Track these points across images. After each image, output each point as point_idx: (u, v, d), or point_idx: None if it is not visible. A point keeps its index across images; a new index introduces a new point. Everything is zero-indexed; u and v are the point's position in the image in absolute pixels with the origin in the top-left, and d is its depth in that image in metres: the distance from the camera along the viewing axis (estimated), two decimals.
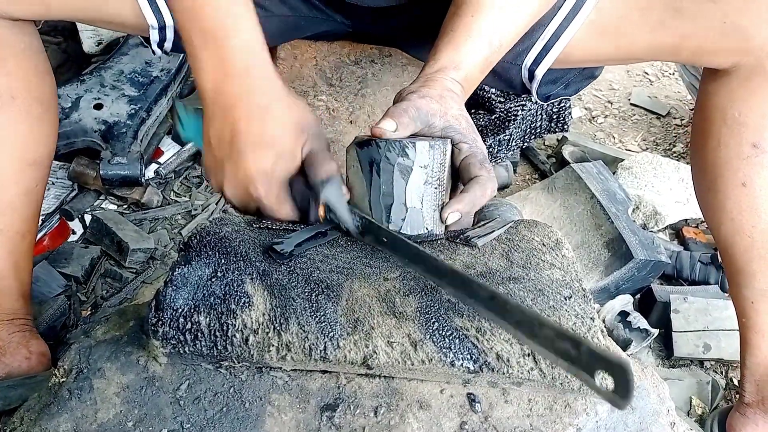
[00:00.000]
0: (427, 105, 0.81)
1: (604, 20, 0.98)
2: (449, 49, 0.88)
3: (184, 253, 0.76)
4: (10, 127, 1.01)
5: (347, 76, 1.46)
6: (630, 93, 2.28)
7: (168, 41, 1.09)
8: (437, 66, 0.87)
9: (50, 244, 1.46)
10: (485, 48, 0.88)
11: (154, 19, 1.04)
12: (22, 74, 1.02)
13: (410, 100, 0.81)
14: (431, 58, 0.89)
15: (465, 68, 0.87)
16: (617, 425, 0.73)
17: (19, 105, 1.01)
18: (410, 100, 0.81)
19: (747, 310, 1.05)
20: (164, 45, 1.10)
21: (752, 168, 0.97)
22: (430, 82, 0.85)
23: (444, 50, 0.88)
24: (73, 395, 0.70)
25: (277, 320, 0.70)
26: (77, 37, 1.84)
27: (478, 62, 0.89)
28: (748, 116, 0.96)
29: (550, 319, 0.60)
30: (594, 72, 1.19)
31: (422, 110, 0.80)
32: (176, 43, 1.11)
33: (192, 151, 1.68)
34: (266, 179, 0.77)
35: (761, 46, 0.92)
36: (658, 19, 0.95)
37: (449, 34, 0.89)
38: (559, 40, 0.99)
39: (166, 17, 1.05)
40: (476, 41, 0.88)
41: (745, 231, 1.00)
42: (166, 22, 1.05)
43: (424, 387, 0.73)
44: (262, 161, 0.76)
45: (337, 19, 1.21)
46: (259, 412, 0.70)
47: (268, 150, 0.76)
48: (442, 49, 0.89)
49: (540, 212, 1.55)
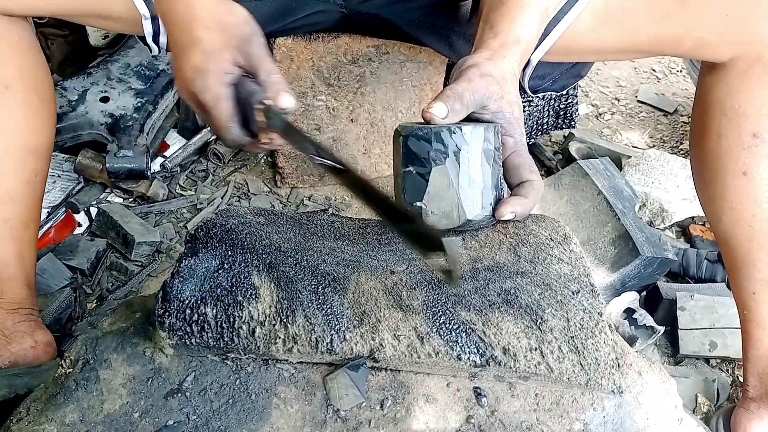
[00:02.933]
0: (486, 87, 0.79)
1: (609, 9, 0.98)
2: (507, 21, 0.85)
3: (191, 244, 0.76)
4: (7, 115, 1.01)
5: (345, 75, 1.46)
6: (637, 90, 2.27)
7: (163, 33, 1.09)
8: (499, 40, 0.84)
9: (56, 237, 1.46)
10: (537, 19, 0.87)
11: (145, 8, 1.04)
12: (15, 65, 1.02)
13: (469, 80, 0.78)
14: (488, 29, 0.86)
15: (524, 42, 0.85)
16: (624, 420, 0.73)
17: (14, 94, 1.01)
18: (469, 81, 0.78)
19: (748, 302, 1.04)
20: (160, 39, 1.10)
21: (753, 157, 0.97)
22: (497, 57, 0.82)
23: (502, 22, 0.85)
24: (79, 386, 0.70)
25: (283, 312, 0.70)
26: (84, 30, 1.84)
27: (533, 35, 0.87)
28: (747, 107, 0.96)
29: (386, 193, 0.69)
30: (580, 71, 1.19)
31: (479, 93, 0.78)
32: None
33: (198, 144, 1.68)
34: (200, 76, 0.80)
35: (762, 39, 0.93)
36: (664, 10, 0.96)
37: (501, 6, 0.87)
38: (559, 24, 0.99)
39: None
40: (531, 12, 0.86)
41: (745, 220, 1.00)
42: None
43: (431, 380, 0.73)
44: (193, 60, 0.80)
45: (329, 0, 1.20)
46: (265, 404, 0.70)
47: (196, 50, 0.80)
48: (499, 20, 0.86)
49: (546, 209, 1.55)
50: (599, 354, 0.71)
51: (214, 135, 0.87)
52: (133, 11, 1.05)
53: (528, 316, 0.72)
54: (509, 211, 0.80)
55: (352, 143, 1.58)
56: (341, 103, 1.50)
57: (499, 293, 0.74)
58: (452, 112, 0.77)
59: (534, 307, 0.72)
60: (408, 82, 1.50)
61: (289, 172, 1.61)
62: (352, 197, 0.82)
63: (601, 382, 0.71)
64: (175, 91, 1.71)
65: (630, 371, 0.74)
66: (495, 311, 0.71)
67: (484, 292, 0.73)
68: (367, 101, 1.52)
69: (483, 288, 0.74)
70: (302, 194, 1.62)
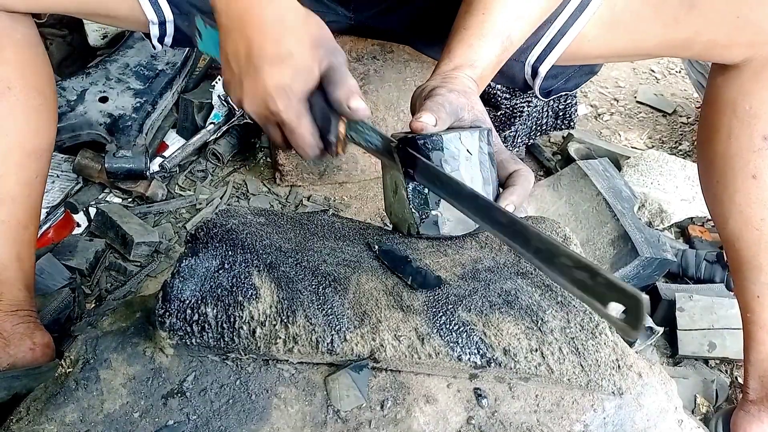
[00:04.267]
0: (457, 99, 0.81)
1: (616, 16, 0.98)
2: (463, 48, 0.88)
3: (191, 244, 0.76)
4: (8, 116, 1.01)
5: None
6: (636, 90, 2.27)
7: (168, 36, 1.09)
8: (453, 64, 0.87)
9: (55, 237, 1.46)
10: (497, 46, 0.89)
11: (153, 14, 1.04)
12: (19, 64, 1.01)
13: (441, 94, 0.80)
14: (445, 56, 0.89)
15: (479, 66, 0.88)
16: (625, 422, 0.73)
17: (17, 94, 1.01)
18: (442, 95, 0.80)
19: (752, 305, 1.04)
20: (164, 40, 1.10)
21: (763, 160, 0.97)
22: (450, 79, 0.85)
23: (458, 48, 0.88)
24: (79, 385, 0.70)
25: (284, 313, 0.70)
26: (83, 30, 1.84)
27: (491, 61, 0.89)
28: (759, 109, 0.96)
29: (568, 249, 0.60)
30: (594, 68, 1.18)
31: (453, 104, 0.80)
32: (176, 38, 1.11)
33: (197, 145, 1.68)
34: (285, 94, 0.74)
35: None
36: (672, 14, 0.95)
37: (461, 32, 0.89)
38: (564, 37, 0.99)
39: (166, 12, 1.05)
40: (489, 40, 0.88)
41: (753, 224, 1.00)
42: (165, 17, 1.05)
43: (431, 381, 0.72)
44: (280, 77, 0.74)
45: (339, 11, 1.20)
46: (265, 404, 0.70)
47: (285, 66, 0.74)
48: (456, 47, 0.89)
49: (545, 209, 1.55)
50: (600, 355, 0.71)
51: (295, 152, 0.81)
52: (138, 12, 1.04)
53: (528, 317, 0.72)
54: (507, 203, 0.79)
55: None
56: None
57: (500, 294, 0.74)
58: (440, 120, 0.78)
59: (534, 308, 0.72)
60: (411, 81, 1.50)
61: (289, 169, 1.61)
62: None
63: (602, 384, 0.71)
64: (174, 91, 1.71)
65: (630, 373, 0.74)
66: (495, 312, 0.71)
67: (485, 293, 0.73)
68: (370, 100, 1.52)
69: (483, 289, 0.74)
70: (301, 194, 1.62)
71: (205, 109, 1.73)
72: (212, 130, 1.70)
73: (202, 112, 1.72)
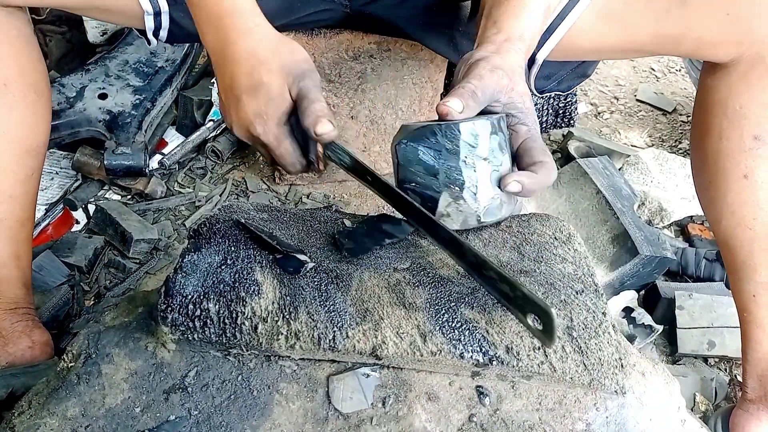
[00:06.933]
0: (497, 82, 0.78)
1: (610, 6, 0.98)
2: (509, 18, 0.85)
3: (194, 240, 0.76)
4: (4, 114, 1.00)
5: (346, 72, 1.45)
6: (636, 89, 2.27)
7: (164, 29, 1.08)
8: (503, 35, 0.84)
9: (54, 234, 1.46)
10: (540, 16, 0.87)
11: (149, 4, 1.04)
12: (14, 60, 1.01)
13: (480, 76, 0.78)
14: (491, 24, 0.86)
15: (527, 38, 0.85)
16: (627, 421, 0.72)
17: (13, 92, 1.00)
18: (480, 77, 0.78)
19: (748, 305, 1.04)
20: (159, 33, 1.09)
21: (754, 160, 0.97)
22: (503, 51, 0.82)
23: (504, 19, 0.85)
24: (81, 380, 0.70)
25: (286, 309, 0.69)
26: (82, 27, 1.83)
27: (536, 33, 0.87)
28: (749, 108, 0.96)
29: (494, 263, 0.68)
30: (586, 70, 1.18)
31: (490, 89, 0.78)
32: (172, 32, 1.10)
33: (196, 142, 1.68)
34: (262, 120, 0.82)
35: (762, 39, 0.92)
36: (664, 7, 0.95)
37: (504, 3, 0.87)
38: (564, 21, 0.99)
39: (161, 2, 1.04)
40: (533, 9, 0.86)
41: (746, 223, 1.00)
42: (161, 8, 1.05)
43: (433, 379, 0.72)
44: (256, 105, 0.82)
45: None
46: (267, 400, 0.70)
47: (259, 94, 0.81)
48: (502, 16, 0.86)
49: (545, 207, 1.55)
50: (602, 354, 0.71)
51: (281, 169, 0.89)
52: (135, 6, 1.04)
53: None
54: (514, 180, 0.76)
55: (352, 140, 1.57)
56: (341, 99, 1.50)
57: None
58: (467, 108, 0.77)
59: None
60: (409, 79, 1.50)
61: None
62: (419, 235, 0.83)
63: (604, 383, 0.71)
64: (173, 88, 1.71)
65: (633, 372, 0.74)
66: (498, 310, 0.71)
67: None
68: (367, 98, 1.51)
69: None
70: (301, 192, 1.62)
71: (205, 106, 1.72)
72: (212, 128, 1.70)
73: (201, 109, 1.72)
